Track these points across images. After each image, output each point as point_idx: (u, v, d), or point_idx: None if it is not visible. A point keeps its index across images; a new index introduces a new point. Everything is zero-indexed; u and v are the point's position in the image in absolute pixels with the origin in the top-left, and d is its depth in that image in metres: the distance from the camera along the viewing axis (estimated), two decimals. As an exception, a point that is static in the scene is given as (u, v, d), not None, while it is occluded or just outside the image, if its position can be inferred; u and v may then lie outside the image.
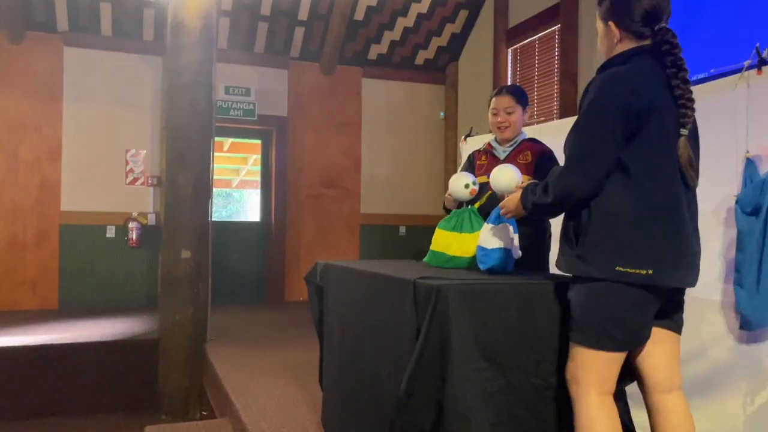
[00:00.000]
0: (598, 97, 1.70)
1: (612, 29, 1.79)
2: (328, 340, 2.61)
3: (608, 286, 1.66)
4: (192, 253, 4.56)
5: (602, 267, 1.66)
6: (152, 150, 6.58)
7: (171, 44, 4.58)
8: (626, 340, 1.69)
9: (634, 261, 1.64)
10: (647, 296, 1.67)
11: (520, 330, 1.80)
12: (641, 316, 1.69)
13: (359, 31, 6.95)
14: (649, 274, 1.64)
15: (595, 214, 1.69)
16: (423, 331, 1.72)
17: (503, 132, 2.78)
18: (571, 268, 1.74)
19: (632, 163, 1.67)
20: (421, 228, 7.42)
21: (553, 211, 1.81)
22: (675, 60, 1.71)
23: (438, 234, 2.44)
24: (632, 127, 1.66)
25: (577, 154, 1.71)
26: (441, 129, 7.53)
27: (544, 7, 5.85)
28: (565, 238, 1.78)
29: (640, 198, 1.66)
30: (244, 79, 6.80)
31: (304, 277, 2.82)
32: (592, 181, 1.68)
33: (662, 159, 1.68)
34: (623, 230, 1.66)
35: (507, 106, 2.76)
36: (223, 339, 4.75)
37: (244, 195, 11.63)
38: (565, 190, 1.71)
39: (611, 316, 1.67)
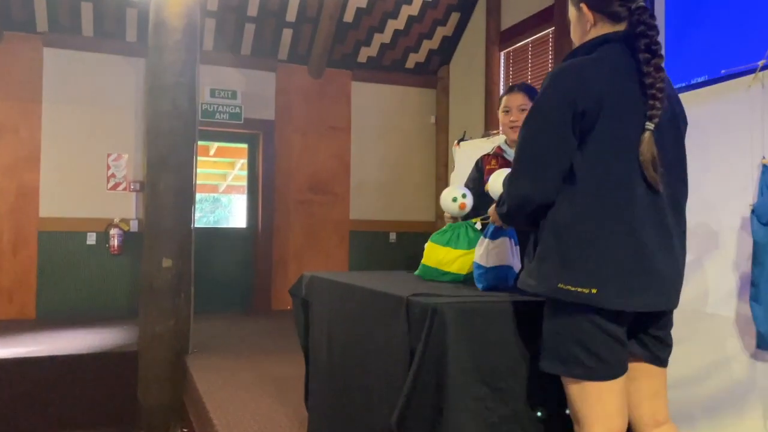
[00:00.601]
0: (545, 94, 1.52)
1: (584, 12, 1.58)
2: (314, 358, 2.44)
3: (563, 306, 1.48)
4: (174, 262, 4.37)
5: (545, 284, 1.50)
6: (135, 154, 6.39)
7: (153, 44, 4.41)
8: (601, 368, 1.47)
9: (575, 278, 1.45)
10: (604, 318, 1.46)
11: (523, 353, 1.64)
12: (607, 341, 1.47)
13: (348, 33, 6.80)
14: (593, 293, 1.43)
15: (546, 226, 1.53)
16: (418, 354, 1.56)
17: (516, 132, 2.52)
18: (524, 284, 1.58)
19: (580, 167, 1.48)
20: (412, 234, 7.27)
21: (515, 221, 1.65)
22: (650, 43, 1.49)
23: (430, 248, 2.24)
24: (582, 127, 1.47)
25: (524, 158, 1.55)
26: (432, 133, 7.39)
27: (538, 9, 5.73)
28: (527, 253, 1.64)
29: (586, 207, 1.47)
30: (230, 82, 6.62)
31: (289, 290, 2.65)
32: (543, 187, 1.50)
33: (615, 161, 1.47)
34: (566, 243, 1.48)
35: (520, 103, 2.54)
36: (205, 351, 4.57)
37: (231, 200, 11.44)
38: (517, 200, 1.56)
39: (576, 340, 1.47)
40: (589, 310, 1.46)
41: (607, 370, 1.48)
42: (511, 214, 1.59)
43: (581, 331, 1.47)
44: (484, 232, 1.89)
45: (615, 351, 1.48)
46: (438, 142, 7.34)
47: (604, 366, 1.47)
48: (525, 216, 1.57)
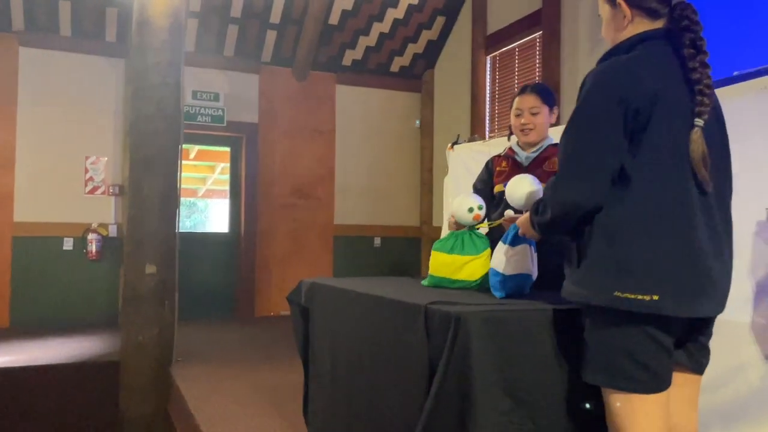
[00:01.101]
0: (593, 93, 1.45)
1: (622, 8, 1.53)
2: (315, 368, 2.34)
3: (613, 316, 1.41)
4: (158, 268, 4.23)
5: (599, 292, 1.42)
6: (114, 157, 6.21)
7: (136, 44, 4.27)
8: (650, 381, 1.42)
9: (634, 285, 1.38)
10: (659, 328, 1.41)
11: (548, 363, 1.57)
12: (657, 352, 1.42)
13: (333, 35, 6.72)
14: (654, 300, 1.37)
15: (595, 232, 1.45)
16: (441, 367, 1.48)
17: (527, 135, 2.46)
18: (571, 293, 1.50)
19: (633, 168, 1.42)
20: (397, 239, 7.20)
21: (559, 229, 1.54)
22: (695, 39, 1.45)
23: (435, 258, 2.15)
24: (633, 127, 1.41)
25: (571, 161, 1.47)
26: (417, 137, 7.33)
27: (525, 13, 5.71)
28: (568, 261, 1.54)
29: (642, 210, 1.41)
30: (212, 84, 6.49)
31: (287, 297, 2.55)
32: (592, 191, 1.43)
33: (670, 161, 1.42)
34: (621, 248, 1.41)
35: (532, 106, 2.43)
36: (190, 360, 4.43)
37: (209, 205, 11.24)
38: (564, 205, 1.47)
39: (625, 351, 1.41)
40: (642, 320, 1.40)
41: (655, 382, 1.42)
42: (557, 221, 1.51)
43: (632, 342, 1.41)
44: (504, 238, 1.82)
45: (664, 363, 1.43)
46: (423, 147, 7.28)
47: (653, 378, 1.42)
48: (571, 223, 1.48)
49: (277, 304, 6.75)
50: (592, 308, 1.46)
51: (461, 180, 3.79)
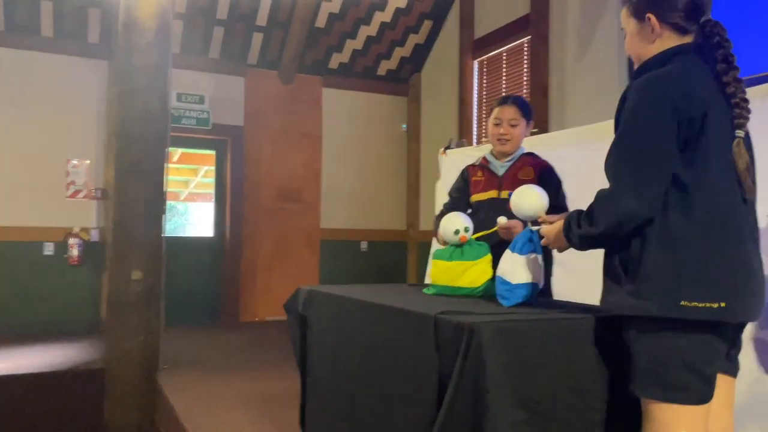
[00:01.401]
0: (645, 103, 1.45)
1: (652, 23, 1.54)
2: (315, 378, 2.29)
3: (674, 326, 1.41)
4: (144, 274, 4.15)
5: (663, 303, 1.41)
6: (97, 160, 6.10)
7: (122, 45, 4.19)
8: (705, 390, 1.43)
9: (701, 293, 1.39)
10: (717, 335, 1.43)
11: (562, 374, 1.54)
12: (714, 360, 1.44)
13: (320, 38, 6.67)
14: (722, 307, 1.39)
15: (650, 242, 1.44)
16: (454, 379, 1.44)
17: (504, 145, 2.54)
18: (624, 306, 1.48)
19: (688, 177, 1.43)
20: (383, 243, 7.16)
21: (605, 243, 1.52)
22: (726, 54, 1.50)
23: (436, 266, 2.15)
24: (686, 136, 1.43)
25: (629, 172, 1.45)
26: (404, 142, 7.31)
27: (513, 18, 5.72)
28: (611, 274, 1.52)
29: (701, 216, 1.43)
30: (197, 86, 6.40)
31: (284, 305, 2.50)
32: (649, 202, 1.43)
33: (721, 170, 1.46)
34: (685, 257, 1.41)
35: (512, 117, 2.53)
36: (177, 368, 4.34)
37: (188, 208, 11.10)
38: (620, 217, 1.44)
39: (684, 363, 1.41)
40: (703, 329, 1.41)
41: (710, 392, 1.44)
42: (609, 234, 1.47)
43: (692, 352, 1.42)
44: (511, 246, 1.79)
45: (717, 370, 1.46)
46: (410, 151, 7.26)
47: (708, 388, 1.43)
48: (623, 235, 1.47)
49: (263, 310, 6.68)
50: (644, 320, 1.44)
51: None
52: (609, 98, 4.62)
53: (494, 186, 2.53)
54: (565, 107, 5.11)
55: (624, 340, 1.51)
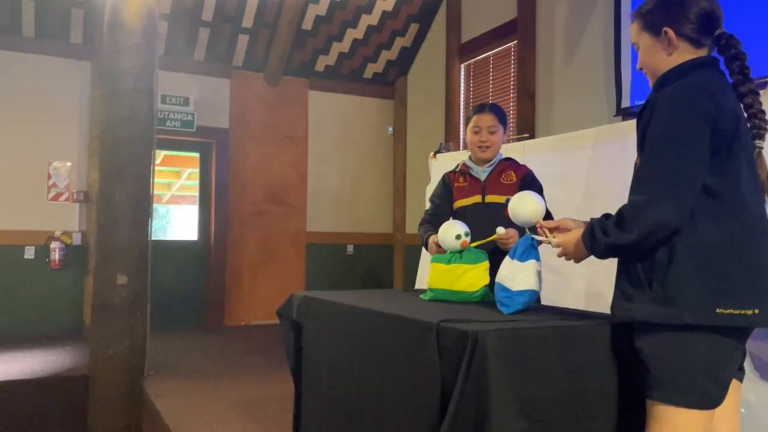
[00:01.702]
0: (677, 111, 1.46)
1: (669, 36, 1.57)
2: (310, 386, 2.27)
3: (699, 333, 1.43)
4: (129, 278, 4.09)
5: (698, 310, 1.42)
6: (79, 162, 6.01)
7: (108, 47, 4.12)
8: (721, 395, 1.46)
9: (737, 300, 1.42)
10: (740, 341, 1.47)
11: (563, 381, 1.53)
12: (732, 366, 1.48)
13: (307, 40, 6.64)
14: (756, 314, 1.42)
15: (680, 250, 1.45)
16: (458, 389, 1.43)
17: (485, 152, 2.59)
18: (650, 313, 1.47)
19: (718, 185, 1.46)
20: (370, 247, 7.15)
21: (637, 250, 1.50)
22: (743, 66, 1.54)
23: (434, 269, 2.14)
24: (717, 145, 1.46)
25: (662, 180, 1.45)
26: (390, 144, 7.30)
27: (500, 22, 5.74)
28: (632, 282, 1.51)
29: (733, 224, 1.46)
30: (182, 88, 6.33)
31: (277, 311, 2.47)
32: (684, 210, 1.44)
33: (749, 179, 1.50)
34: (720, 265, 1.43)
35: (490, 125, 2.58)
36: (163, 373, 4.28)
37: (170, 211, 10.99)
38: (656, 225, 1.43)
39: (704, 369, 1.43)
40: (729, 335, 1.43)
41: (723, 397, 1.46)
42: (641, 242, 1.46)
43: (713, 359, 1.43)
44: (511, 253, 1.79)
45: (731, 377, 1.49)
46: (396, 154, 7.26)
47: (723, 393, 1.46)
48: (653, 243, 1.46)
49: (248, 314, 6.62)
50: (668, 327, 1.45)
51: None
52: (595, 103, 4.67)
53: (478, 191, 2.58)
54: (552, 112, 5.14)
55: (635, 347, 1.51)
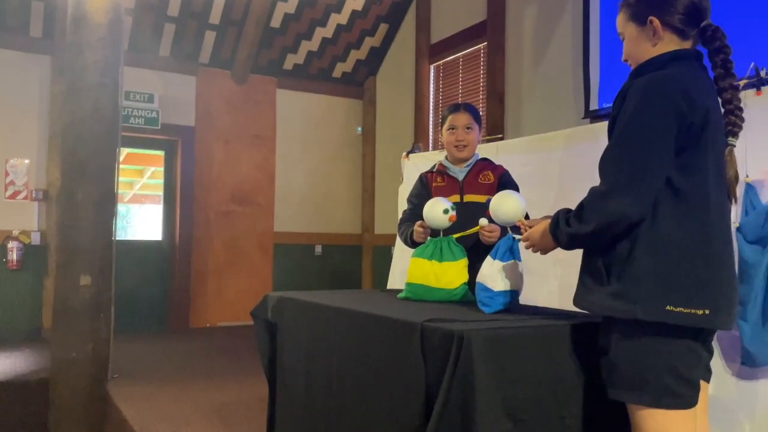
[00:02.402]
0: (646, 103, 1.43)
1: (654, 25, 1.54)
2: (286, 389, 2.22)
3: (659, 331, 1.41)
4: (92, 279, 3.97)
5: (648, 306, 1.41)
6: (38, 160, 5.81)
7: (71, 41, 4.00)
8: (692, 395, 1.44)
9: (687, 299, 1.40)
10: (699, 341, 1.45)
11: (545, 381, 1.54)
12: (697, 365, 1.46)
13: (275, 39, 6.56)
14: (705, 314, 1.40)
15: (639, 245, 1.43)
16: (443, 390, 1.42)
17: (462, 151, 2.57)
18: (606, 307, 1.47)
19: (682, 182, 1.43)
20: (338, 247, 7.10)
21: (594, 242, 1.50)
22: (726, 60, 1.51)
23: (414, 264, 2.14)
24: (683, 142, 1.43)
25: (625, 172, 1.43)
26: (359, 145, 7.27)
27: (469, 24, 5.77)
28: (593, 274, 1.51)
29: (694, 224, 1.43)
30: (146, 85, 6.19)
31: (251, 312, 2.42)
32: (644, 204, 1.42)
33: (715, 178, 1.46)
34: (674, 263, 1.41)
35: (466, 123, 2.56)
36: (127, 377, 4.17)
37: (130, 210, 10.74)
38: (614, 216, 1.42)
39: (668, 367, 1.42)
40: (686, 335, 1.42)
41: (696, 396, 1.45)
42: (599, 233, 1.45)
43: (677, 358, 1.42)
44: (492, 253, 1.78)
45: (701, 375, 1.48)
46: (365, 154, 7.23)
47: (694, 392, 1.44)
48: (612, 236, 1.45)
49: (214, 316, 6.51)
50: (628, 323, 1.43)
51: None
52: (564, 105, 4.73)
53: (456, 191, 2.55)
54: (520, 114, 5.18)
55: (601, 343, 1.51)
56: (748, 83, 2.11)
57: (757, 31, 3.26)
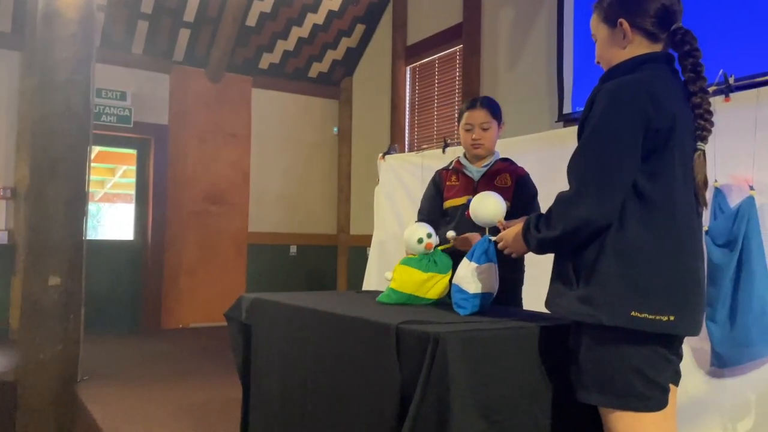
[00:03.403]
0: (613, 108, 1.42)
1: (624, 28, 1.52)
2: (260, 391, 2.21)
3: (626, 335, 1.41)
4: (62, 279, 3.90)
5: (613, 312, 1.41)
6: (6, 157, 5.69)
7: (42, 37, 3.92)
8: (660, 398, 1.45)
9: (652, 305, 1.39)
10: (666, 347, 1.45)
11: (519, 382, 1.55)
12: (666, 369, 1.46)
13: (251, 37, 6.52)
14: (670, 320, 1.39)
15: (606, 250, 1.43)
16: (418, 392, 1.42)
17: (478, 149, 2.41)
18: (573, 312, 1.47)
19: (649, 188, 1.42)
20: (314, 248, 7.08)
21: (563, 246, 1.52)
22: (696, 63, 1.49)
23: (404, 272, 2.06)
24: (650, 146, 1.42)
25: (590, 178, 1.43)
26: (335, 145, 7.25)
27: (446, 26, 5.80)
28: (562, 277, 1.52)
29: (660, 229, 1.42)
30: (119, 82, 6.10)
31: (225, 313, 2.40)
32: (610, 209, 1.42)
33: (682, 183, 1.45)
34: (640, 269, 1.41)
35: (483, 121, 2.39)
36: (97, 378, 4.10)
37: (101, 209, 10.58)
38: (579, 222, 1.43)
39: (635, 370, 1.42)
40: (653, 340, 1.41)
41: (665, 398, 1.45)
42: (566, 238, 1.46)
43: (645, 362, 1.41)
44: (468, 255, 1.79)
45: (669, 378, 1.47)
46: (341, 154, 7.22)
47: (663, 395, 1.44)
48: (579, 240, 1.45)
49: (187, 316, 6.44)
50: (596, 327, 1.44)
51: (393, 190, 3.77)
52: (538, 108, 4.77)
53: (469, 191, 2.38)
54: (496, 116, 5.21)
55: (571, 346, 1.52)
56: (717, 90, 2.16)
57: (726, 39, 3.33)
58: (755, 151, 2.15)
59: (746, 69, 2.77)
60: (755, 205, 2.09)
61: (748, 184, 2.13)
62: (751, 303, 2.02)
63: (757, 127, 2.15)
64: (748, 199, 2.10)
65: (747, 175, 2.15)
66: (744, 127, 2.18)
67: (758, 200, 2.11)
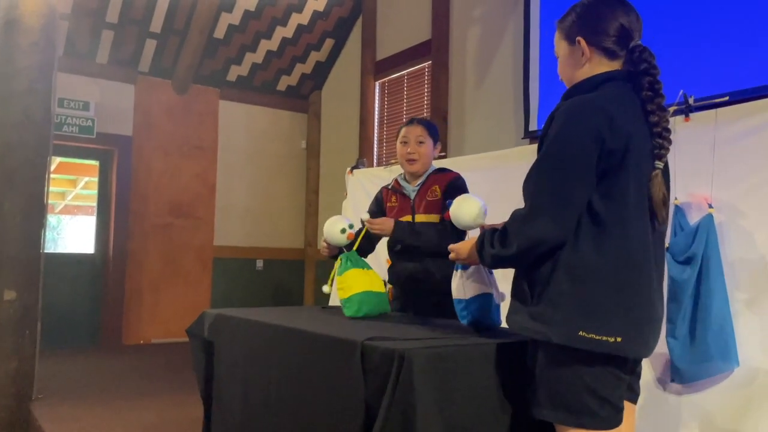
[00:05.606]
0: (568, 128, 1.42)
1: (582, 46, 1.54)
2: (221, 409, 2.16)
3: (576, 354, 1.41)
4: (18, 294, 3.78)
5: (562, 330, 1.41)
6: (-39, 167, 5.50)
7: (2, 45, 3.82)
8: (613, 416, 1.44)
9: (600, 326, 1.39)
10: (617, 367, 1.44)
11: (485, 398, 1.55)
12: (618, 388, 1.45)
13: (219, 49, 6.47)
14: (617, 342, 1.39)
15: (559, 268, 1.43)
16: (383, 409, 1.40)
17: (412, 165, 2.49)
18: (526, 328, 1.47)
19: (602, 207, 1.41)
20: (280, 262, 7.01)
21: (517, 264, 1.52)
22: (653, 82, 1.48)
23: (352, 276, 2.16)
24: (604, 166, 1.41)
25: (543, 196, 1.44)
26: (303, 159, 7.22)
27: (415, 42, 5.85)
28: (518, 294, 1.52)
29: (612, 250, 1.41)
30: (82, 92, 5.99)
31: (187, 330, 2.35)
32: (564, 228, 1.41)
33: (636, 202, 1.43)
34: (590, 289, 1.40)
35: (419, 134, 2.49)
36: (53, 396, 3.98)
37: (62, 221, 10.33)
38: (534, 240, 1.42)
39: (586, 388, 1.41)
40: (604, 359, 1.40)
41: (618, 417, 1.44)
42: (520, 256, 1.46)
43: (596, 380, 1.41)
44: (456, 265, 1.78)
45: (622, 397, 1.46)
46: (309, 168, 7.19)
47: (616, 413, 1.43)
48: (533, 258, 1.45)
49: (149, 332, 6.30)
50: (549, 344, 1.44)
51: (361, 204, 3.75)
52: (505, 125, 4.84)
53: (408, 211, 2.49)
54: (463, 132, 5.27)
55: (527, 363, 1.51)
56: (678, 110, 2.21)
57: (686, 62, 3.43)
58: (714, 170, 2.20)
59: (705, 90, 2.85)
60: (714, 222, 2.14)
61: (707, 202, 2.18)
62: (710, 319, 2.05)
63: (715, 146, 2.21)
64: (707, 217, 2.14)
65: (706, 193, 2.19)
66: (703, 146, 2.23)
67: (717, 218, 2.15)
